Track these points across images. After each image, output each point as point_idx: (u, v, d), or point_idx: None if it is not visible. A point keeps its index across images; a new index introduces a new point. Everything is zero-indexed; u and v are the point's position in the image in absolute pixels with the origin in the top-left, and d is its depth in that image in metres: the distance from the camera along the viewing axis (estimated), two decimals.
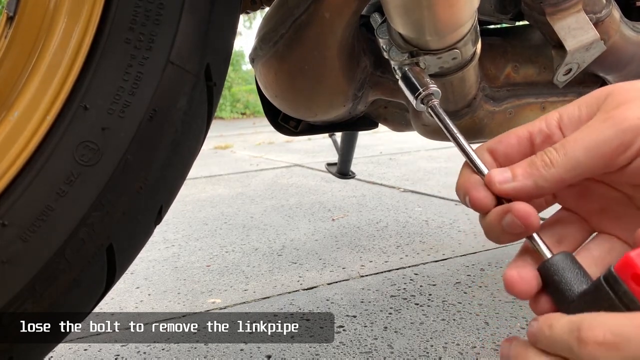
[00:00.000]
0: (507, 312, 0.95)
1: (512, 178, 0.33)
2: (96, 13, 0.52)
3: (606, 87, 0.34)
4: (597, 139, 0.31)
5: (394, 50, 0.58)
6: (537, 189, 0.33)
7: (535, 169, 0.33)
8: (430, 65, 0.58)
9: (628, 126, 0.30)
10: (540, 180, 0.32)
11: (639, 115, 0.30)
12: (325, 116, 0.76)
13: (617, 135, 0.30)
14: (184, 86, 0.55)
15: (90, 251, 0.54)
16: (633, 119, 0.30)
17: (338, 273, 1.20)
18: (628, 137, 0.30)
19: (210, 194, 2.29)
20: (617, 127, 0.30)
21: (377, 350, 0.84)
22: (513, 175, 0.33)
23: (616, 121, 0.30)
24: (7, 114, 0.52)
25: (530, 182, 0.32)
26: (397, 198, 1.98)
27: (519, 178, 0.33)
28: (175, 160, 0.58)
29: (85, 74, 0.52)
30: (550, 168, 0.32)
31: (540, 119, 0.35)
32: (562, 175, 0.32)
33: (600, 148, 0.31)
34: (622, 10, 0.71)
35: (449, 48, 0.57)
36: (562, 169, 0.32)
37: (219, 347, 0.88)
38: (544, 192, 0.33)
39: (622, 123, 0.30)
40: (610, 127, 0.30)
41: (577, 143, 0.31)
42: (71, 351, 0.90)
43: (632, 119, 0.30)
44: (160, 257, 1.41)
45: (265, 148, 4.04)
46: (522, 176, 0.33)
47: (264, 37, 0.67)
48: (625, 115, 0.30)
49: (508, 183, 0.33)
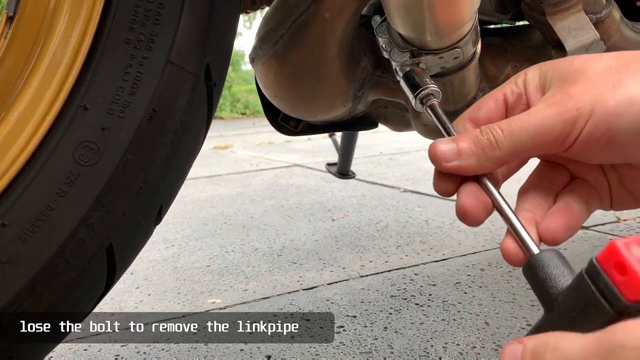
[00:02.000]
0: (507, 312, 0.95)
1: (457, 154, 0.34)
2: (96, 13, 0.52)
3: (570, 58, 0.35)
4: (541, 126, 0.32)
5: (395, 51, 0.58)
6: (480, 168, 0.34)
7: (480, 148, 0.34)
8: (432, 65, 0.58)
9: (569, 117, 0.31)
10: (483, 160, 0.34)
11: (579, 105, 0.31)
12: (325, 116, 0.76)
13: (558, 125, 0.32)
14: (184, 86, 0.55)
15: (90, 251, 0.54)
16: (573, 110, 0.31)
17: (338, 273, 1.20)
18: (568, 127, 0.32)
19: (210, 194, 2.29)
20: (560, 116, 0.32)
21: (377, 350, 0.84)
22: (458, 151, 0.34)
23: (561, 109, 0.32)
24: (7, 114, 0.52)
25: (474, 161, 0.34)
26: (397, 198, 1.98)
27: (463, 156, 0.34)
28: (175, 160, 0.58)
29: (85, 74, 0.52)
30: (494, 149, 0.33)
31: (511, 79, 0.37)
32: (505, 157, 0.33)
33: (543, 135, 0.32)
34: (622, 10, 0.71)
35: (450, 48, 0.57)
36: (505, 150, 0.33)
37: (219, 347, 0.87)
38: (486, 171, 0.35)
39: (565, 113, 0.32)
40: (554, 115, 0.32)
41: (523, 126, 0.33)
42: (71, 351, 0.90)
43: (573, 110, 0.31)
44: (160, 257, 1.41)
45: (265, 148, 4.04)
46: (466, 155, 0.34)
47: (263, 37, 0.67)
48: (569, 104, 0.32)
49: (452, 161, 0.34)
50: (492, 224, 1.46)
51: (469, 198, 0.34)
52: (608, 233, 1.36)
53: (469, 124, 0.37)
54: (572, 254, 1.17)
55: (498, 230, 1.42)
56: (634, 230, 1.38)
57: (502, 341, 0.84)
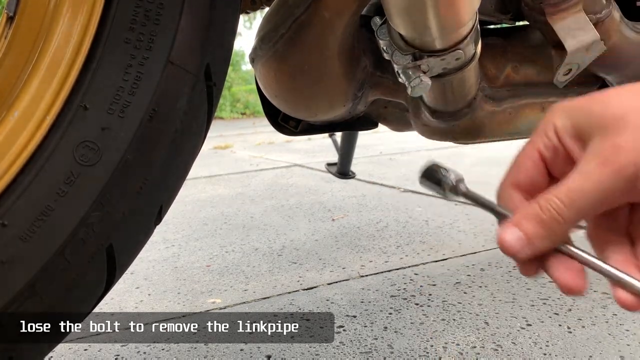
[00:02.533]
0: (507, 312, 0.95)
1: (528, 242, 0.34)
2: (96, 13, 0.52)
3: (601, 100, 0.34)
4: (601, 189, 0.32)
5: (397, 54, 0.58)
6: (554, 244, 0.34)
7: (546, 228, 0.33)
8: (433, 67, 0.58)
9: (629, 175, 0.31)
10: (554, 237, 0.33)
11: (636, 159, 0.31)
12: (325, 116, 0.76)
13: (619, 183, 0.31)
14: (184, 86, 0.55)
15: (90, 251, 0.54)
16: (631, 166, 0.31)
17: (338, 273, 1.20)
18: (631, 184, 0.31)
19: (210, 194, 2.29)
20: (619, 175, 0.31)
21: (377, 350, 0.84)
22: (527, 239, 0.34)
23: (616, 167, 0.31)
24: (7, 113, 0.52)
25: (547, 242, 0.33)
26: (397, 198, 1.98)
27: (535, 242, 0.33)
28: (175, 160, 0.58)
29: (85, 74, 0.52)
30: (560, 224, 0.33)
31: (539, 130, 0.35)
32: (572, 226, 0.33)
33: (606, 198, 0.32)
34: (622, 10, 0.71)
35: (451, 49, 0.57)
36: (570, 221, 0.33)
37: (219, 347, 0.88)
38: (559, 243, 0.34)
39: (623, 171, 0.31)
40: (612, 175, 0.31)
41: (582, 194, 0.32)
42: (71, 351, 0.90)
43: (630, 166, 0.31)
44: (160, 257, 1.41)
45: (265, 148, 4.04)
46: (537, 239, 0.33)
47: (264, 37, 0.67)
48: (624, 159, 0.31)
49: (526, 250, 0.34)
50: (491, 224, 1.46)
51: (566, 274, 0.34)
52: None
53: (515, 193, 0.36)
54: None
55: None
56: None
57: (502, 341, 0.84)
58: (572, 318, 0.91)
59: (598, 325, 0.88)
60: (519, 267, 0.36)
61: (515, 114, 0.76)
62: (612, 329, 0.87)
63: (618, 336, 0.84)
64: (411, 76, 0.58)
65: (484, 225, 1.50)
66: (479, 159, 2.62)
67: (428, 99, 0.73)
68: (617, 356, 0.78)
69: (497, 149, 3.02)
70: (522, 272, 0.36)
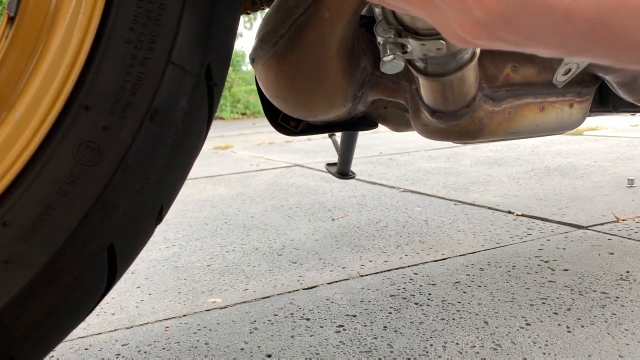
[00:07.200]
0: (507, 312, 0.95)
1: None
2: (97, 13, 0.52)
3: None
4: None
5: (382, 24, 0.57)
6: None
7: None
8: (414, 50, 0.58)
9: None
10: None
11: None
12: (325, 116, 0.77)
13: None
14: (185, 86, 0.56)
15: (91, 251, 0.54)
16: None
17: (338, 273, 1.21)
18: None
19: (210, 194, 2.29)
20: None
21: (377, 349, 0.84)
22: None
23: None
24: (9, 114, 0.52)
25: None
26: (396, 198, 1.98)
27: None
28: (175, 160, 0.58)
29: (86, 74, 0.52)
30: None
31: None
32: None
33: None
34: None
35: (434, 36, 0.56)
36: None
37: (219, 346, 0.88)
38: None
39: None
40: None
41: None
42: (72, 350, 0.90)
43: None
44: (161, 256, 1.42)
45: (265, 148, 4.04)
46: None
47: (264, 38, 0.67)
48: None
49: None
50: (491, 224, 1.47)
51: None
52: (607, 233, 1.36)
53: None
54: (571, 254, 1.18)
55: (497, 230, 1.42)
56: (632, 230, 1.38)
57: (501, 340, 0.85)
58: (571, 317, 0.91)
59: (597, 324, 0.88)
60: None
61: (514, 114, 0.77)
62: (611, 328, 0.87)
63: (617, 336, 0.84)
64: (387, 51, 0.57)
65: (484, 225, 1.50)
66: (479, 159, 2.63)
67: (428, 99, 0.73)
68: (616, 355, 0.78)
69: (497, 149, 3.03)
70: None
